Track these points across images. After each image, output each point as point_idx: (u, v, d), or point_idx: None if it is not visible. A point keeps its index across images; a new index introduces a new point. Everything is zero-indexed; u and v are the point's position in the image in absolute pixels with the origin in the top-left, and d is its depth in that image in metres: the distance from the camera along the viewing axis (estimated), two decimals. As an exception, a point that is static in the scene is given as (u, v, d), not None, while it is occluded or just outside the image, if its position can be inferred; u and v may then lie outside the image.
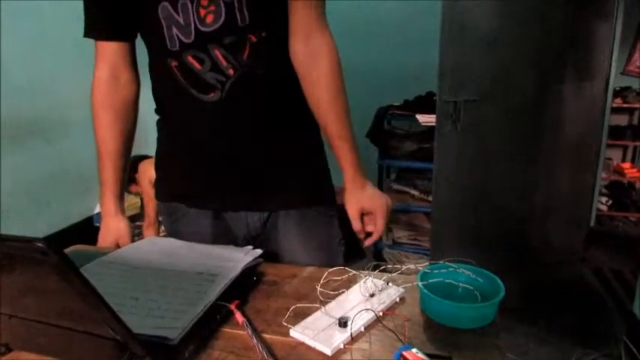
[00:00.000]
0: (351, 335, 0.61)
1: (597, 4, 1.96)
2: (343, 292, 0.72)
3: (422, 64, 2.36)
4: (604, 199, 3.12)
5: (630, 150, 3.33)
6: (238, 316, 0.65)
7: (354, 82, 0.92)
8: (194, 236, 0.96)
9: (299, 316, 0.66)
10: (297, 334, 0.62)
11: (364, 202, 0.94)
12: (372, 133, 2.61)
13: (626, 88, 2.99)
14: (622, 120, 3.20)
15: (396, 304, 0.70)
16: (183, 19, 0.82)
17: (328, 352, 0.59)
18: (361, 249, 2.78)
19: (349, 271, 0.79)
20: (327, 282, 0.75)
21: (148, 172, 2.23)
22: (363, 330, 0.64)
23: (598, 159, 2.10)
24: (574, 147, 2.10)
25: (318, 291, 0.73)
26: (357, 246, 2.82)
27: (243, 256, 0.80)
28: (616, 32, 1.95)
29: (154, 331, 0.58)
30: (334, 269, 0.79)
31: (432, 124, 2.25)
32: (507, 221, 2.21)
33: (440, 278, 0.70)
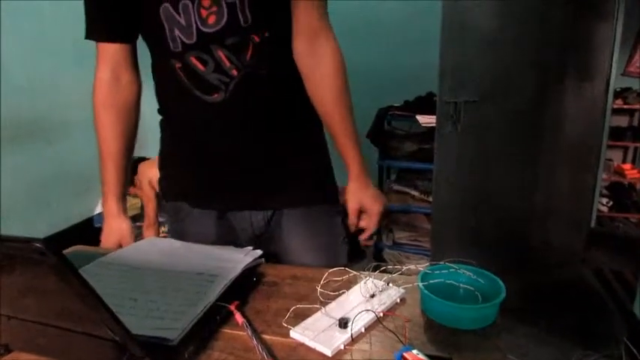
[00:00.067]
0: (351, 336, 0.61)
1: (598, 4, 1.96)
2: (343, 292, 0.72)
3: (422, 64, 2.36)
4: (604, 200, 3.12)
5: (631, 151, 3.33)
6: (238, 317, 0.65)
7: (354, 82, 0.93)
8: (198, 236, 0.96)
9: (299, 316, 0.66)
10: (297, 334, 0.62)
11: (365, 201, 0.97)
12: (372, 134, 2.61)
13: (627, 89, 2.99)
14: (622, 121, 3.19)
15: (396, 304, 0.70)
16: (185, 20, 0.82)
17: (328, 353, 0.58)
18: (361, 250, 2.78)
19: (349, 271, 0.78)
20: (328, 283, 0.75)
21: (148, 173, 2.23)
22: (363, 331, 0.63)
23: (598, 160, 2.10)
24: (574, 148, 2.10)
25: (318, 292, 0.72)
26: (357, 246, 2.83)
27: (243, 257, 0.80)
28: (616, 33, 1.95)
29: (153, 332, 0.58)
30: (334, 270, 0.79)
31: (432, 124, 2.25)
32: (507, 222, 2.21)
33: (440, 279, 0.69)
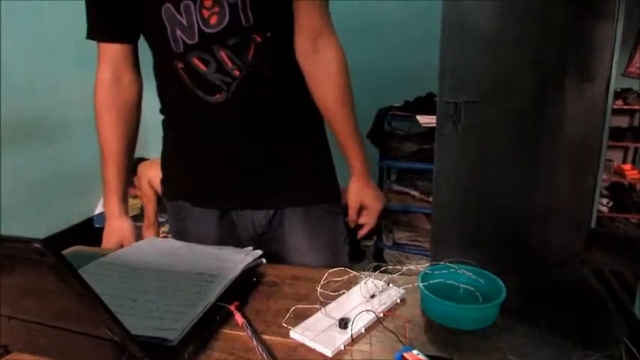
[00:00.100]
0: (351, 336, 0.61)
1: (598, 4, 1.96)
2: (344, 293, 0.72)
3: (422, 64, 2.36)
4: (605, 201, 3.12)
5: (631, 151, 3.33)
6: (238, 317, 0.65)
7: (354, 82, 0.93)
8: (199, 235, 0.96)
9: (299, 317, 0.66)
10: (297, 335, 0.62)
11: (366, 199, 1.00)
12: (372, 134, 2.61)
13: (627, 90, 2.99)
14: (623, 121, 3.19)
15: (396, 305, 0.70)
16: (187, 20, 0.82)
17: (329, 353, 0.58)
18: (361, 250, 2.78)
19: (349, 272, 0.78)
20: (328, 283, 0.75)
21: (147, 173, 2.23)
22: (363, 331, 0.63)
23: (599, 160, 2.10)
24: (574, 148, 2.10)
25: (318, 292, 0.72)
26: (357, 247, 2.82)
27: (243, 257, 0.80)
28: (617, 33, 1.95)
29: (153, 333, 0.58)
30: (334, 270, 0.79)
31: (432, 125, 2.25)
32: (508, 222, 2.21)
33: (441, 279, 0.69)
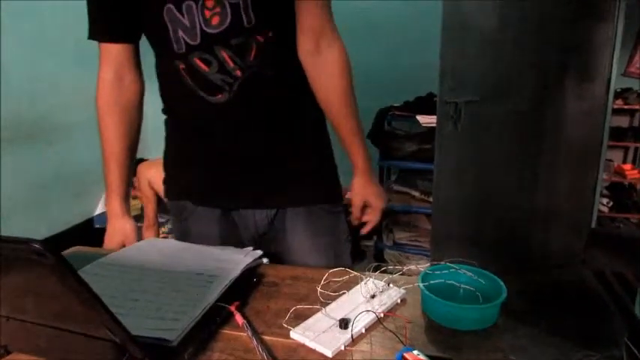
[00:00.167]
0: (351, 337, 0.61)
1: (598, 5, 1.96)
2: (344, 293, 0.72)
3: (422, 64, 2.35)
4: (605, 201, 3.12)
5: (631, 151, 3.33)
6: (238, 318, 0.65)
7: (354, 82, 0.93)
8: (201, 234, 0.96)
9: (299, 317, 0.66)
10: (297, 335, 0.62)
11: (369, 197, 1.01)
12: (372, 134, 2.62)
13: (627, 90, 2.99)
14: (623, 121, 3.19)
15: (397, 305, 0.70)
16: (189, 21, 0.82)
17: (329, 353, 0.58)
18: (361, 250, 2.78)
19: (350, 272, 0.78)
20: (328, 283, 0.75)
21: (146, 174, 2.23)
22: (363, 331, 0.63)
23: (599, 160, 2.10)
24: (575, 148, 2.10)
25: (318, 292, 0.72)
26: (357, 247, 2.82)
27: (243, 257, 0.80)
28: (617, 33, 1.95)
29: (152, 333, 0.58)
30: (335, 270, 0.78)
31: (432, 124, 2.25)
32: (508, 222, 2.21)
33: (441, 279, 0.69)
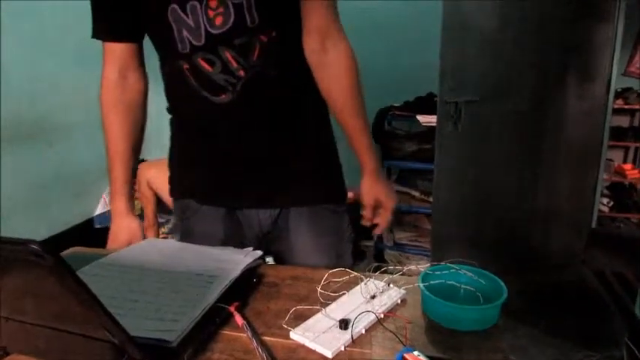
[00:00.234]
0: (352, 337, 0.61)
1: (598, 5, 1.95)
2: (344, 293, 0.72)
3: (422, 64, 2.35)
4: (605, 200, 3.12)
5: (632, 151, 3.33)
6: (238, 319, 0.65)
7: (354, 82, 0.93)
8: (205, 234, 0.96)
9: (299, 318, 0.66)
10: (297, 336, 0.62)
11: (380, 196, 1.00)
12: (372, 134, 2.61)
13: (628, 89, 2.99)
14: (623, 121, 3.19)
15: (397, 305, 0.70)
16: (193, 21, 0.82)
17: (329, 354, 0.58)
18: (361, 250, 2.78)
19: (350, 272, 0.78)
20: (328, 284, 0.75)
21: (146, 174, 2.23)
22: (364, 332, 0.63)
23: (599, 160, 2.09)
24: (575, 148, 2.10)
25: (318, 293, 0.72)
26: (357, 247, 2.82)
27: (243, 258, 0.80)
28: (617, 33, 1.94)
29: (152, 334, 0.58)
30: (335, 270, 0.78)
31: (432, 124, 2.25)
32: (508, 222, 2.20)
33: (441, 280, 0.69)
